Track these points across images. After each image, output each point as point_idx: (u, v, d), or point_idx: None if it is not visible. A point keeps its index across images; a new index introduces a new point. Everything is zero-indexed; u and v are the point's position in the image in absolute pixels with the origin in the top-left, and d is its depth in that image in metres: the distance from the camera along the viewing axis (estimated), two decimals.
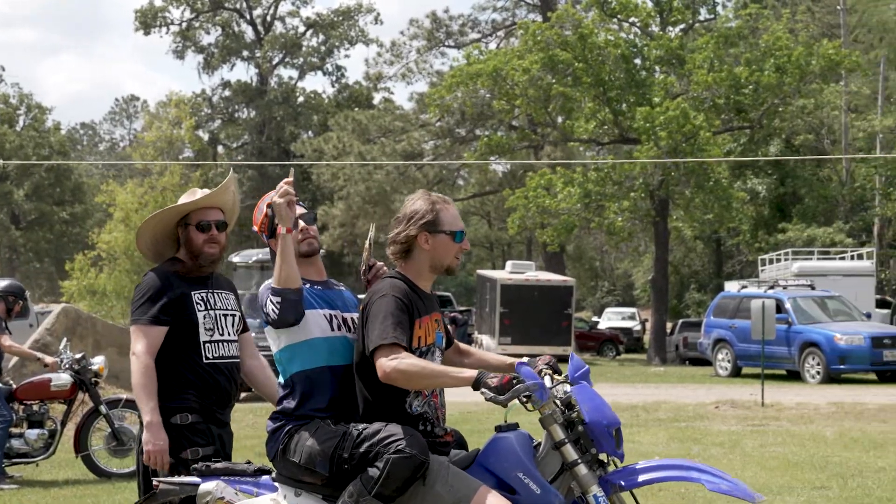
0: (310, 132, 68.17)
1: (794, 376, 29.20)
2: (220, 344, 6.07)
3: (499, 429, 5.21)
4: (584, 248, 69.44)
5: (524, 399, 4.97)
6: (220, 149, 72.40)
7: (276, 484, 5.38)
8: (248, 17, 71.66)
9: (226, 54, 70.55)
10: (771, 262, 40.90)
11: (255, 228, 5.77)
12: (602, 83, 41.44)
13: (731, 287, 36.02)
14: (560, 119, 45.25)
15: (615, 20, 44.74)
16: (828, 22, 58.77)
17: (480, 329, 42.23)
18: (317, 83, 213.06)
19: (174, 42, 70.03)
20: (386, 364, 4.98)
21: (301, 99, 71.98)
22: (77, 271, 48.44)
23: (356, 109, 61.55)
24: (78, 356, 12.84)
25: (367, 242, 5.74)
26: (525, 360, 5.35)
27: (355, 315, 5.50)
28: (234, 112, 72.33)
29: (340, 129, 55.18)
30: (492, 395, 4.88)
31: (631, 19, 44.65)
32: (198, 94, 70.56)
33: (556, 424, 5.11)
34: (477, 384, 4.92)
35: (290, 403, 5.35)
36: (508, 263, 41.35)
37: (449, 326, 5.71)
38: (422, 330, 5.26)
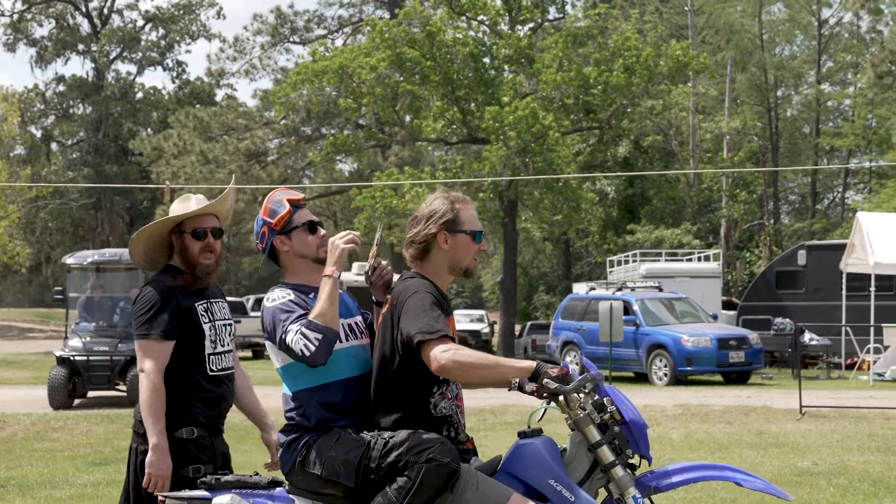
0: (149, 129, 66.82)
1: (642, 378, 29.26)
2: (223, 356, 5.98)
3: (523, 434, 5.14)
4: None
5: (586, 390, 4.93)
6: (53, 146, 70.48)
7: (292, 496, 5.22)
8: (83, 9, 70.06)
9: (60, 48, 68.89)
10: (619, 263, 40.84)
11: (271, 222, 5.50)
12: (450, 82, 40.89)
13: (580, 289, 35.75)
14: (408, 118, 44.61)
15: (463, 18, 44.24)
16: (676, 23, 59.33)
17: None
18: (156, 79, 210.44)
19: (5, 34, 68.29)
20: (441, 355, 4.87)
21: (140, 95, 70.69)
22: None
23: (198, 106, 60.43)
24: None
25: (375, 243, 5.57)
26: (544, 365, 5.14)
27: (357, 319, 5.46)
28: (69, 108, 70.65)
29: (181, 127, 53.96)
30: (555, 385, 4.86)
31: (479, 17, 44.18)
32: (30, 89, 68.80)
33: (592, 426, 5.03)
34: (536, 374, 4.89)
35: (308, 416, 5.21)
36: (354, 265, 40.50)
37: None
38: (450, 329, 5.14)
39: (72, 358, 21.66)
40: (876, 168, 62.88)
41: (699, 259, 39.48)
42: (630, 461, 5.11)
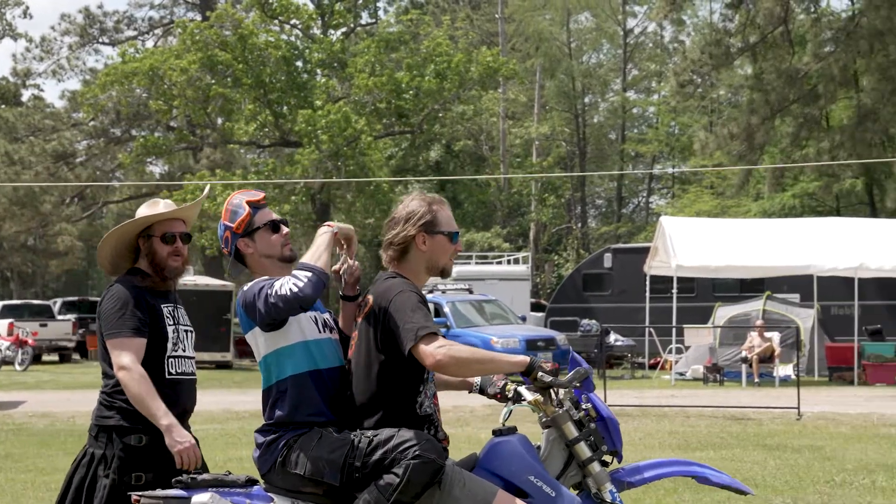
0: None
1: None
2: (183, 360, 5.86)
3: (498, 433, 5.16)
4: None
5: (578, 384, 5.02)
6: None
7: (271, 495, 5.12)
8: None
9: None
10: None
11: (232, 226, 5.46)
12: (263, 85, 40.75)
13: None
14: (220, 120, 44.27)
15: (276, 21, 44.11)
16: (487, 30, 60.09)
17: None
18: None
19: None
20: (436, 351, 4.86)
21: None
22: None
23: (2, 107, 58.76)
24: None
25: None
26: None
27: (327, 316, 5.42)
28: None
29: None
30: (550, 378, 4.95)
31: (292, 21, 44.14)
32: None
33: (570, 422, 5.10)
34: (531, 368, 4.95)
35: (283, 411, 5.15)
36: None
37: None
38: None
39: None
40: (678, 174, 64.77)
41: (509, 262, 40.03)
42: (603, 458, 5.19)
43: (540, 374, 4.94)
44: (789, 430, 17.02)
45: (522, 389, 5.30)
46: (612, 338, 31.18)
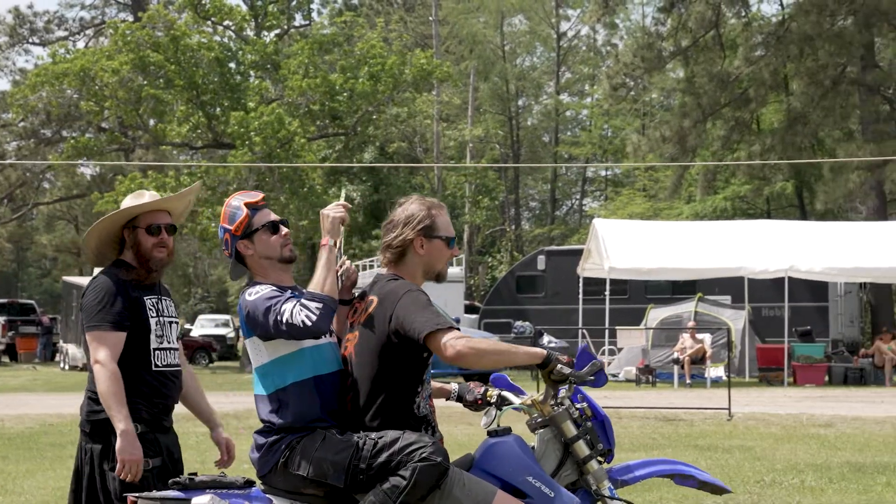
0: None
1: None
2: (168, 352, 5.85)
3: (494, 433, 5.18)
4: (176, 253, 68.15)
5: (591, 379, 5.01)
6: None
7: (270, 497, 5.11)
8: None
9: None
10: (364, 268, 41.10)
11: (231, 228, 5.44)
12: (196, 86, 40.46)
13: None
14: (152, 122, 43.93)
15: (209, 23, 43.85)
16: (421, 32, 60.13)
17: (66, 338, 40.59)
18: None
19: None
20: (457, 342, 4.87)
21: None
22: None
23: None
24: None
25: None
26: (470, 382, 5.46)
27: None
28: None
29: None
30: (569, 370, 4.96)
31: (225, 22, 43.88)
32: None
33: (569, 420, 5.14)
34: (548, 361, 4.95)
35: (285, 416, 5.15)
36: (96, 270, 39.69)
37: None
38: None
39: None
40: (611, 176, 65.18)
41: None
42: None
43: (559, 366, 4.95)
44: (720, 430, 17.18)
45: (507, 394, 5.39)
46: (546, 339, 30.99)
